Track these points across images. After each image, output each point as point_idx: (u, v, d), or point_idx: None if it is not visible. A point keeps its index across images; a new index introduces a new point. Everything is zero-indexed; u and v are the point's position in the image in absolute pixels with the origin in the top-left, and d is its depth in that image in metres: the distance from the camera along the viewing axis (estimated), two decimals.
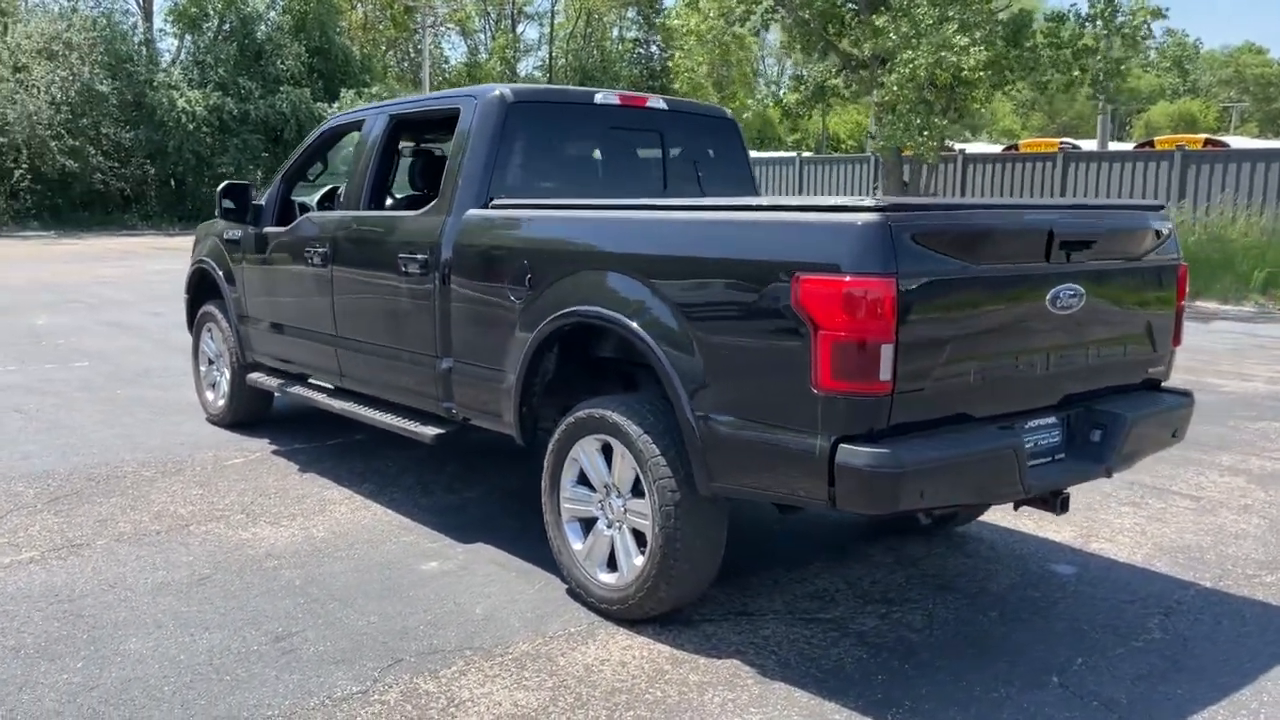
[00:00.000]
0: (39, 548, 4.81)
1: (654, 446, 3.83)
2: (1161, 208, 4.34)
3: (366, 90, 35.91)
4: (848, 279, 3.21)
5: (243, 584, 4.42)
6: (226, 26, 35.63)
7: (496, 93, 4.95)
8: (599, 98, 5.26)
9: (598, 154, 5.37)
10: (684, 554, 3.83)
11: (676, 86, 45.25)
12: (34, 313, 13.03)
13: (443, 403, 4.94)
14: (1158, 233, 4.21)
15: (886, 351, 3.23)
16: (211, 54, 35.07)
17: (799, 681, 3.64)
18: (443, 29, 51.57)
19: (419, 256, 4.90)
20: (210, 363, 7.30)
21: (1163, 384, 4.42)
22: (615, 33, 56.44)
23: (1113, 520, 5.54)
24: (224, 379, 7.06)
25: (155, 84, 33.01)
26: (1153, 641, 4.06)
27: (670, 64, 47.11)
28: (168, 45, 38.06)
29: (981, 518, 5.46)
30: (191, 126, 32.86)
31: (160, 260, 21.23)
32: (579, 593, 4.24)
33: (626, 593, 3.99)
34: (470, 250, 4.67)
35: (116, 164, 33.06)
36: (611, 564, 4.14)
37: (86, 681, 3.54)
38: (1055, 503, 3.93)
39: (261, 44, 35.86)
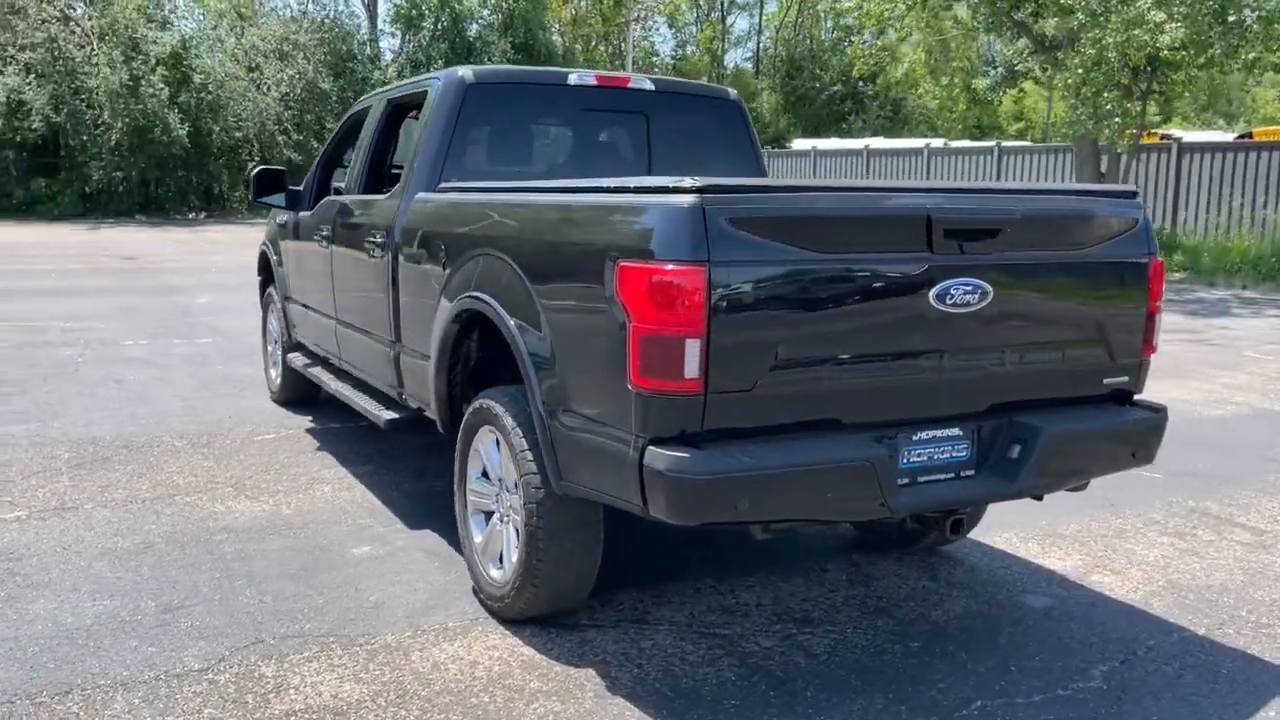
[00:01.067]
0: (32, 508, 5.14)
1: (523, 440, 3.66)
2: (1133, 195, 3.75)
3: None
4: (655, 266, 2.94)
5: (179, 555, 4.56)
6: (439, 26, 37.28)
7: (458, 74, 4.88)
8: (573, 78, 5.09)
9: (569, 137, 5.20)
10: (548, 554, 3.64)
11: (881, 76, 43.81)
12: (202, 292, 14.04)
13: (396, 387, 4.93)
14: (1116, 223, 3.65)
15: (692, 347, 2.93)
16: (423, 52, 36.82)
17: (643, 699, 3.40)
18: (651, 22, 52.13)
19: (379, 239, 4.91)
20: (275, 342, 7.62)
21: (1135, 397, 3.83)
22: (827, 22, 55.28)
23: (1137, 550, 4.90)
24: (280, 358, 7.37)
25: (371, 82, 34.97)
26: (1083, 690, 3.54)
27: (877, 50, 45.74)
28: (389, 44, 40.20)
29: (979, 538, 4.95)
30: None
31: None
32: (477, 588, 4.13)
33: (504, 590, 3.85)
34: (411, 234, 4.63)
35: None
36: (503, 560, 4.00)
37: None
38: (944, 525, 3.48)
39: (471, 42, 37.33)
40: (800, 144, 36.30)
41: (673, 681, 3.52)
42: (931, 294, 3.25)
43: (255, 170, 6.69)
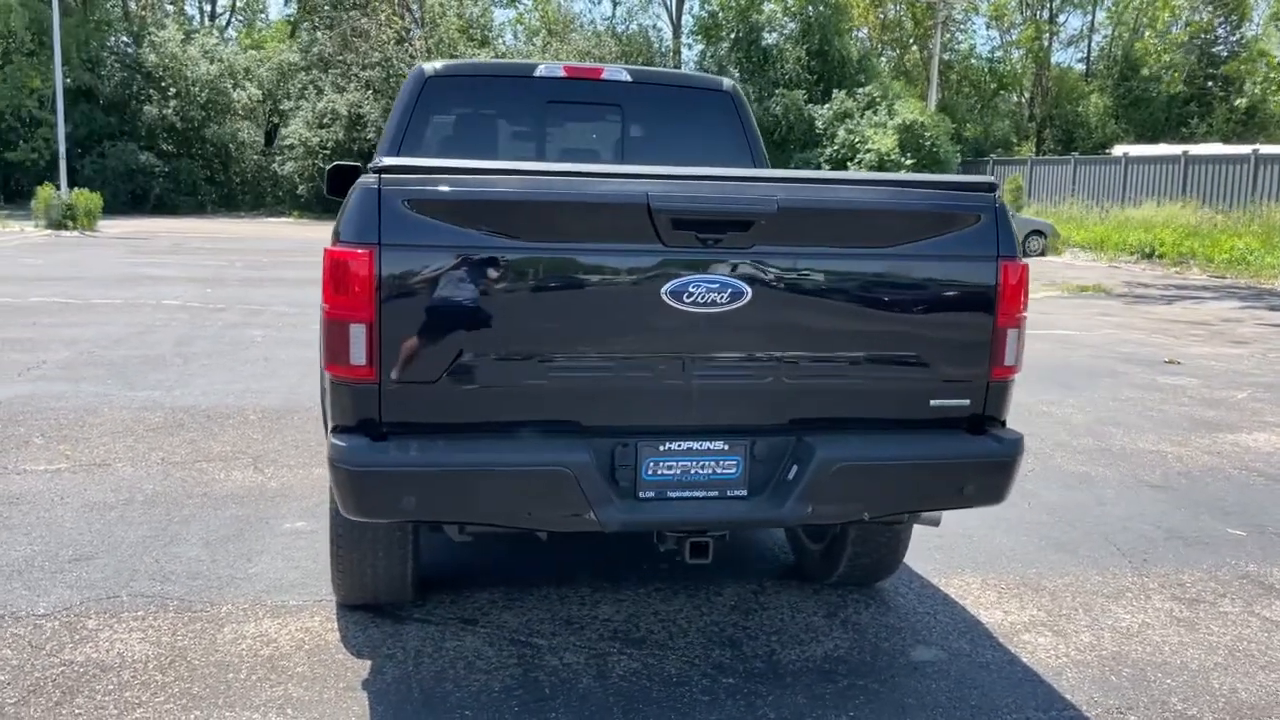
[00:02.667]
0: (78, 461, 5.79)
1: None
2: (987, 187, 3.17)
3: (860, 90, 35.96)
4: (334, 249, 2.88)
5: (140, 514, 4.97)
6: (735, 35, 37.68)
7: (422, 67, 4.97)
8: (540, 70, 5.03)
9: (536, 130, 5.13)
10: (347, 557, 3.64)
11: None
12: None
13: None
14: (943, 219, 3.12)
15: (358, 332, 2.84)
16: (717, 61, 37.37)
17: (381, 697, 3.33)
18: (968, 23, 49.74)
19: None
20: None
21: (991, 423, 3.26)
22: (1178, 17, 50.25)
23: (1113, 614, 4.17)
24: None
25: None
26: None
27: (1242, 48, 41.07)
28: (693, 55, 41.12)
29: (937, 579, 4.41)
30: None
31: None
32: None
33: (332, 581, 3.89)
34: None
35: None
36: None
37: None
38: (684, 547, 3.12)
39: (768, 50, 37.45)
40: (1117, 150, 33.36)
41: (432, 685, 3.41)
42: (665, 291, 2.93)
43: (331, 166, 7.07)
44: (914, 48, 49.89)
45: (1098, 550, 4.87)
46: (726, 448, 3.11)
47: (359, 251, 2.81)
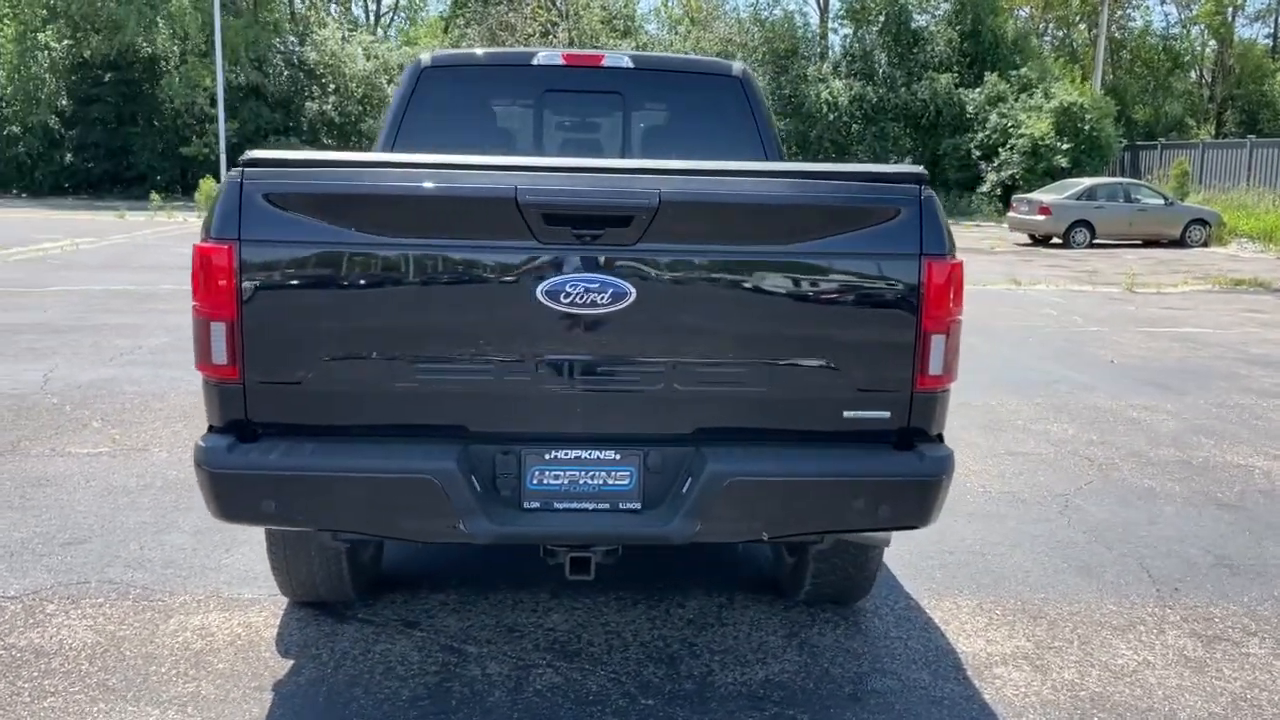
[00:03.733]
0: (121, 446, 6.02)
1: None
2: (914, 179, 2.85)
3: (1015, 72, 34.37)
4: (201, 245, 2.83)
5: (150, 500, 5.11)
6: (884, 17, 36.57)
7: (418, 58, 4.91)
8: (538, 58, 4.89)
9: (535, 120, 4.99)
10: (279, 557, 3.61)
11: None
12: None
13: None
14: (857, 213, 2.83)
15: (219, 330, 2.78)
16: (863, 45, 36.40)
17: (287, 698, 3.29)
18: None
19: None
20: None
21: (920, 438, 2.95)
22: None
23: (1111, 648, 3.77)
24: None
25: (808, 77, 35.29)
26: None
27: None
28: (838, 39, 40.20)
29: (926, 600, 4.10)
30: (832, 116, 34.53)
31: None
32: None
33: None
34: None
35: None
36: None
37: None
38: (565, 561, 2.94)
39: (917, 32, 36.24)
40: None
41: (343, 689, 3.35)
42: (540, 290, 2.76)
43: None
44: (1081, 26, 47.39)
45: (1125, 575, 4.41)
46: (618, 457, 2.92)
47: (219, 247, 2.75)
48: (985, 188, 33.09)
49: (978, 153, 33.59)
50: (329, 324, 2.80)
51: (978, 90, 34.15)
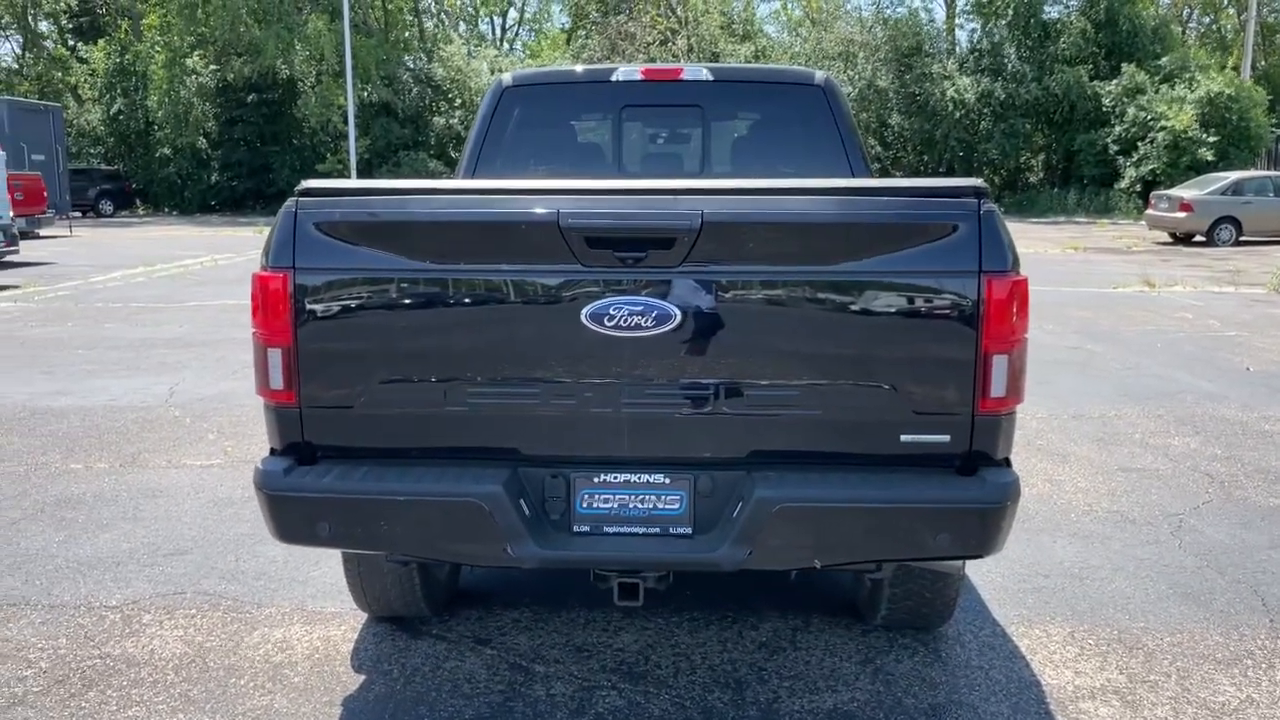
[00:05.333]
0: (231, 458, 6.27)
1: None
2: (973, 192, 2.73)
3: (1154, 62, 32.86)
4: (258, 272, 2.92)
5: (250, 511, 5.14)
6: (1014, 10, 35.45)
7: (500, 78, 4.97)
8: (618, 74, 4.89)
9: (616, 136, 4.97)
10: (356, 574, 3.70)
11: None
12: None
13: None
14: (911, 230, 2.72)
15: (276, 356, 2.86)
16: (991, 39, 35.37)
17: (356, 712, 3.35)
18: None
19: None
20: None
21: (984, 463, 2.82)
22: None
23: (1214, 684, 3.53)
24: None
25: (932, 75, 34.47)
26: None
27: None
28: (964, 35, 39.14)
29: (1015, 626, 3.94)
30: (959, 114, 33.64)
31: None
32: None
33: None
34: None
35: (893, 154, 35.48)
36: None
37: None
38: (613, 585, 2.91)
39: (1048, 24, 35.02)
40: None
41: (409, 706, 3.39)
42: (585, 313, 2.74)
43: None
44: (1229, 10, 45.02)
45: (1236, 604, 4.14)
46: (667, 481, 2.88)
47: (275, 275, 2.82)
48: (1123, 184, 31.75)
49: (1115, 148, 32.24)
50: (379, 349, 2.85)
51: (1114, 82, 32.79)
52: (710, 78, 4.83)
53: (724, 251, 2.73)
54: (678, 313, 2.73)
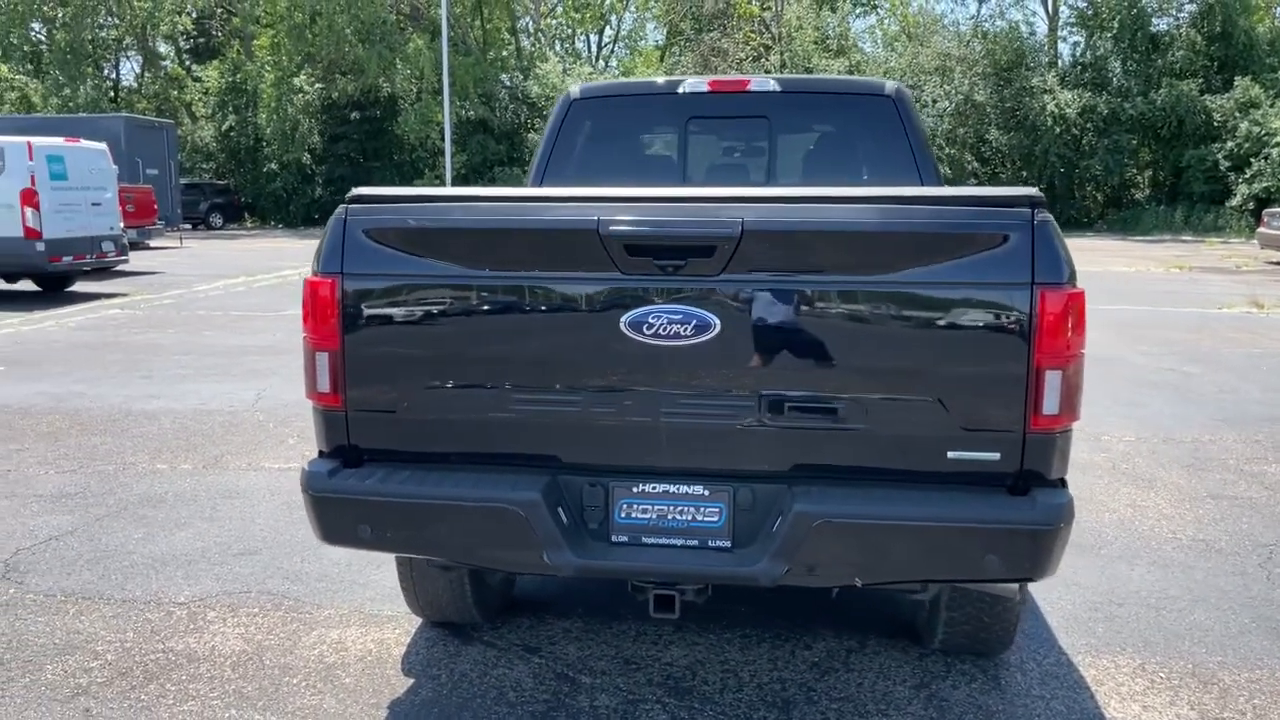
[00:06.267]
0: (279, 465, 6.38)
1: None
2: (1027, 201, 2.63)
3: (1271, 75, 31.60)
4: (309, 277, 2.98)
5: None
6: (1119, 23, 34.48)
7: (571, 91, 5.01)
8: (684, 86, 4.88)
9: (683, 147, 4.95)
10: (409, 580, 3.75)
11: None
12: None
13: None
14: (960, 241, 2.64)
15: (323, 360, 2.91)
16: (1095, 52, 34.44)
17: (400, 714, 3.38)
18: None
19: None
20: None
21: (1038, 482, 2.72)
22: None
23: None
24: None
25: (1032, 89, 33.71)
26: None
27: None
28: (1066, 48, 38.18)
29: (1081, 657, 3.79)
30: (1059, 130, 32.81)
31: None
32: None
33: None
34: None
35: (991, 170, 34.78)
36: None
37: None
38: (649, 597, 2.87)
39: (1157, 37, 33.97)
40: None
41: (454, 711, 3.41)
42: (624, 321, 2.73)
43: None
44: None
45: None
46: (707, 493, 2.84)
47: (324, 280, 2.87)
48: (1235, 201, 30.55)
49: (1226, 164, 31.06)
50: (423, 354, 2.87)
51: (1226, 96, 31.61)
52: (778, 89, 4.79)
53: (765, 261, 2.69)
54: (717, 322, 2.69)
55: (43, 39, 41.75)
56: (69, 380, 9.05)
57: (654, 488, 2.85)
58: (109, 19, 41.41)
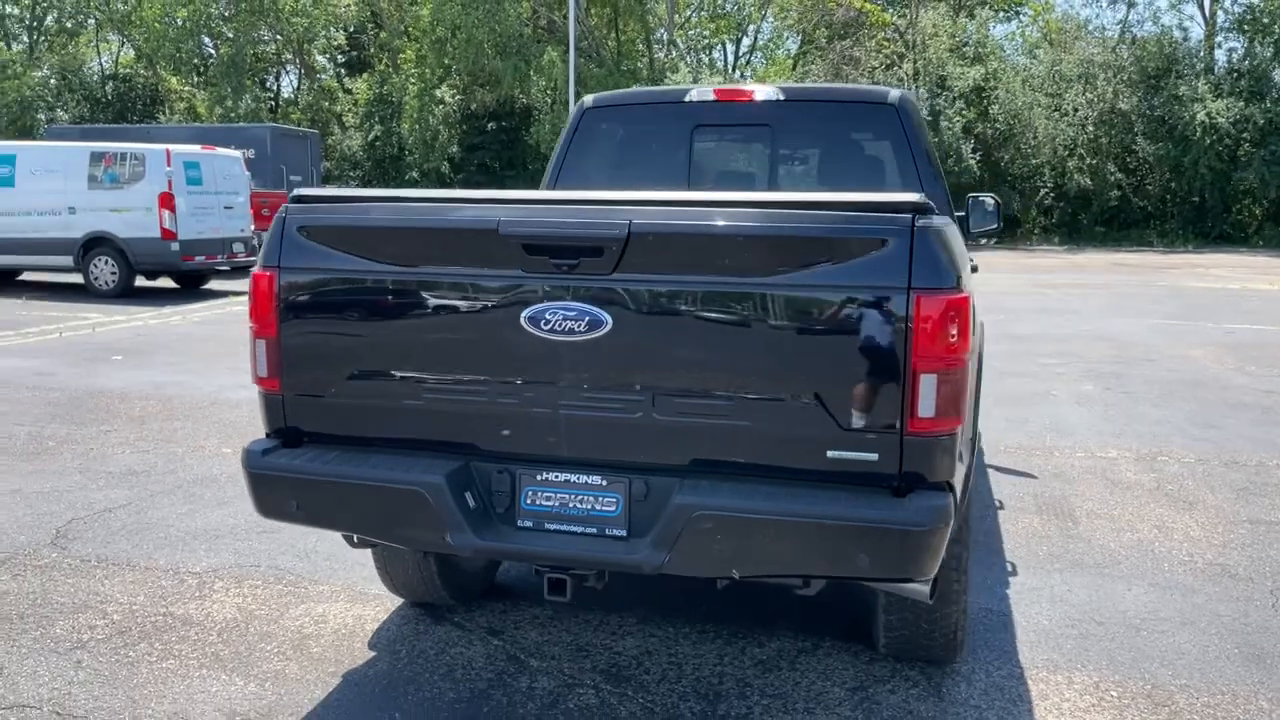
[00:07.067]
0: None
1: None
2: (908, 208, 2.66)
3: None
4: (254, 270, 3.23)
5: None
6: (1278, 28, 32.54)
7: (585, 100, 5.19)
8: (691, 95, 4.99)
9: (689, 154, 5.05)
10: (380, 559, 3.98)
11: None
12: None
13: None
14: (840, 245, 2.69)
15: (262, 347, 3.16)
16: (1254, 59, 32.59)
17: (354, 683, 3.61)
18: None
19: None
20: None
21: (921, 484, 2.74)
22: None
23: None
24: None
25: (1181, 97, 32.14)
26: None
27: None
28: (1222, 55, 36.18)
29: (1041, 673, 3.74)
30: (1209, 140, 31.18)
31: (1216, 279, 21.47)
32: None
33: None
34: None
35: (1136, 181, 33.33)
36: None
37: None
38: (544, 581, 3.00)
39: None
40: None
41: (400, 685, 3.61)
42: (524, 317, 2.88)
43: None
44: None
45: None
46: (605, 484, 2.96)
47: (264, 274, 3.12)
48: None
49: None
50: (346, 344, 3.09)
51: None
52: (781, 97, 4.86)
53: (653, 261, 2.79)
54: (609, 320, 2.81)
55: (211, 53, 44.43)
56: (173, 370, 9.72)
57: (557, 476, 2.99)
58: (270, 34, 43.75)
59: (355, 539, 3.33)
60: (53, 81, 43.81)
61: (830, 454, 2.75)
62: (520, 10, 36.40)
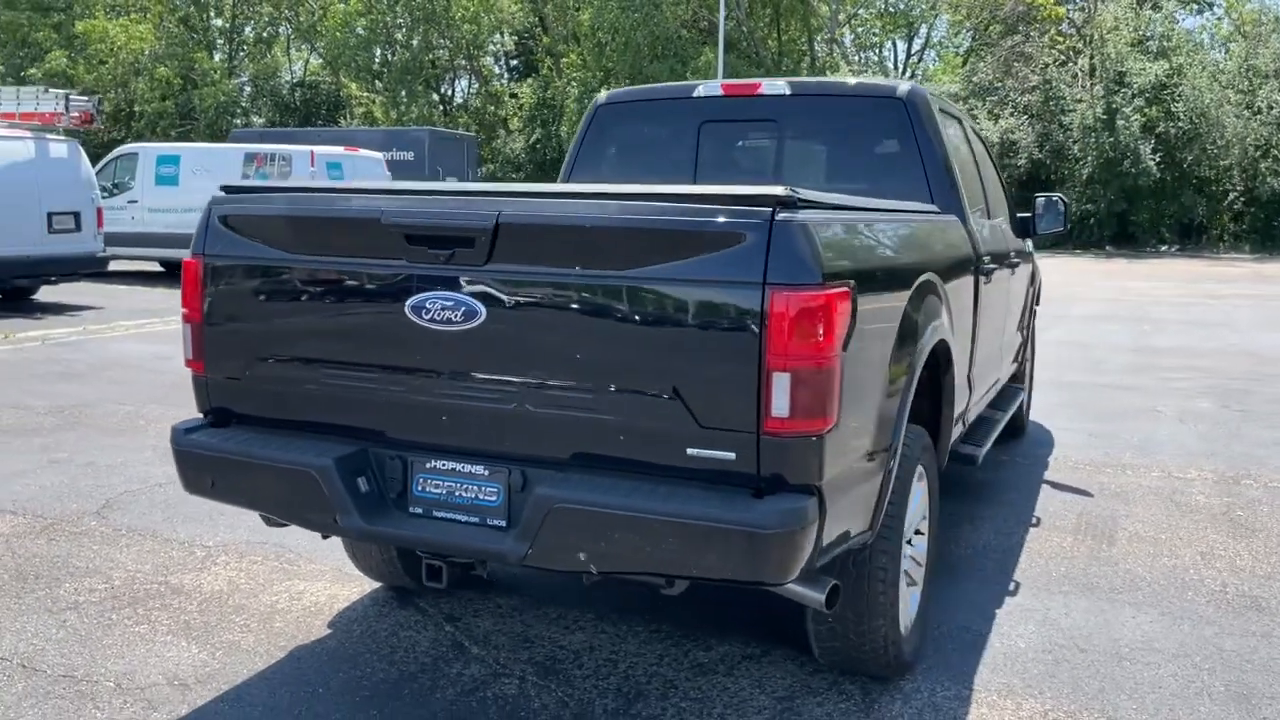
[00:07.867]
0: None
1: None
2: (773, 201, 2.57)
3: None
4: (185, 259, 3.40)
5: None
6: None
7: (599, 97, 5.21)
8: (699, 90, 4.94)
9: (697, 150, 4.97)
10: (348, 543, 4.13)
11: None
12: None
13: None
14: (698, 238, 2.62)
15: (189, 331, 3.32)
16: None
17: (297, 659, 3.75)
18: None
19: None
20: None
21: (781, 486, 2.64)
22: None
23: None
24: None
25: None
26: None
27: None
28: None
29: (990, 696, 3.55)
30: None
31: None
32: None
33: None
34: None
35: None
36: None
37: None
38: (421, 569, 3.02)
39: None
40: None
41: (339, 662, 3.72)
42: (407, 306, 2.93)
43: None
44: None
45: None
46: (487, 474, 2.97)
47: (191, 261, 3.28)
48: None
49: None
50: (256, 329, 3.21)
51: None
52: (788, 92, 4.75)
53: (523, 253, 2.79)
54: (483, 310, 2.83)
55: (389, 59, 46.56)
56: None
57: (445, 465, 3.02)
58: (440, 41, 45.48)
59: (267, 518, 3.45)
60: (248, 89, 46.82)
61: (690, 451, 2.68)
62: (679, 12, 36.58)
